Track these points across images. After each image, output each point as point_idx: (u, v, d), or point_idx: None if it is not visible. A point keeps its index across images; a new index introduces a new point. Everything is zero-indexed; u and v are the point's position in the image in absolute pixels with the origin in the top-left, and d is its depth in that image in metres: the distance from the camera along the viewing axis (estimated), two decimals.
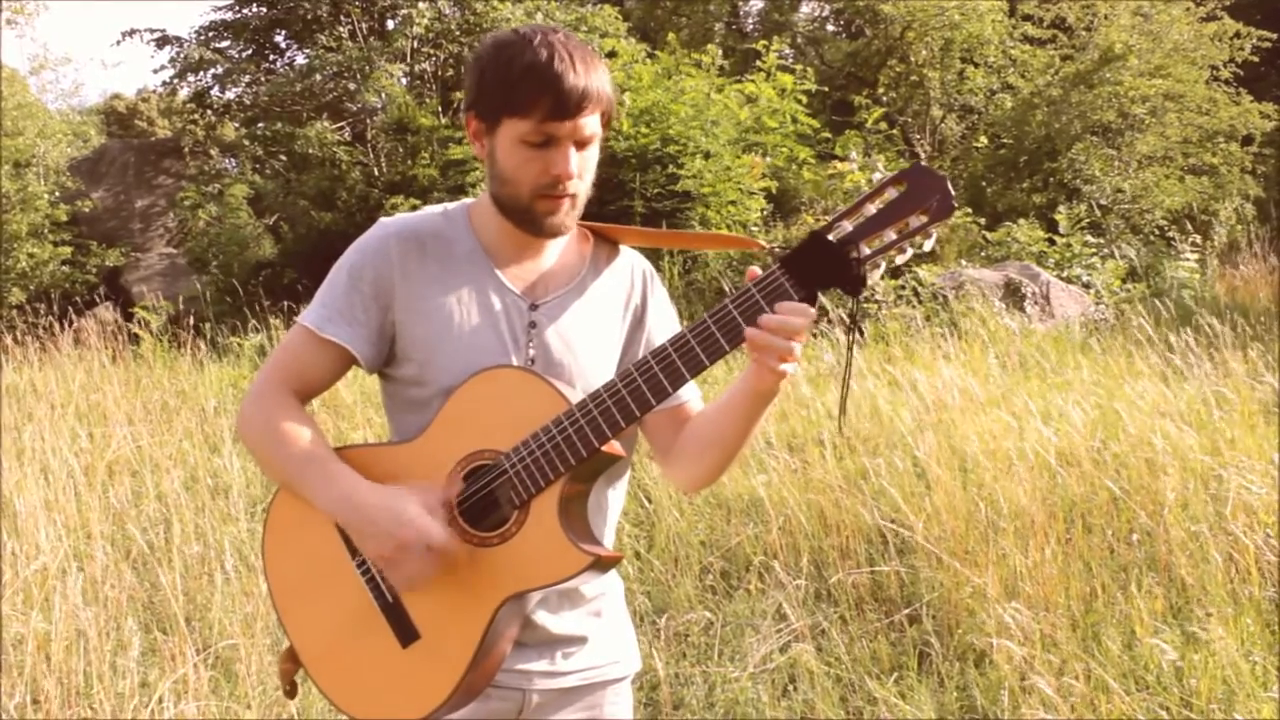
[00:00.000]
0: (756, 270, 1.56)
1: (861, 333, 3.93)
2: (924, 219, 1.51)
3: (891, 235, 1.52)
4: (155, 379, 8.14)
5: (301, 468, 1.69)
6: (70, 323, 9.96)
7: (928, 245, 1.54)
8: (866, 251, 1.52)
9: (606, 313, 1.82)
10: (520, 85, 1.62)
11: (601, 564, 1.64)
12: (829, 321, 8.26)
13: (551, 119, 1.62)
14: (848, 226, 1.53)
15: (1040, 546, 3.97)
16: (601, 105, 1.66)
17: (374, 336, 1.73)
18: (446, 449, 1.67)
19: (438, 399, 1.69)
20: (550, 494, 1.62)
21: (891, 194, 1.52)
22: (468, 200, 1.84)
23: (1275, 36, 14.99)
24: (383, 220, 1.79)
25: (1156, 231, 13.84)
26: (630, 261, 1.87)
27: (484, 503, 1.66)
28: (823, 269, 1.53)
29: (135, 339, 9.48)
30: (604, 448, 1.62)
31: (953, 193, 1.50)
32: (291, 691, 1.83)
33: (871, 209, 1.53)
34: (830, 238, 1.53)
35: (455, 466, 1.66)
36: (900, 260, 1.55)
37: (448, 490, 1.66)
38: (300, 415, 1.73)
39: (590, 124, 1.66)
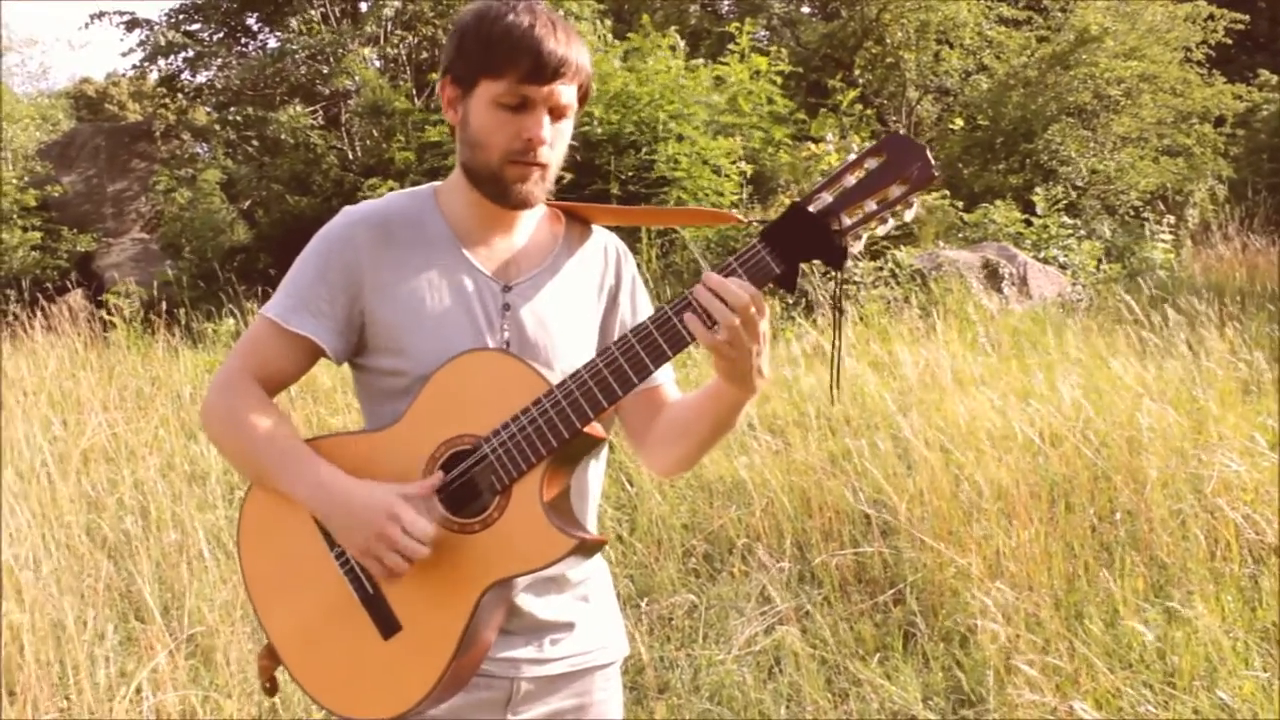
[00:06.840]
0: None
1: (842, 310, 3.91)
2: (904, 188, 1.50)
3: (872, 205, 1.51)
4: (129, 365, 8.04)
5: (273, 460, 1.66)
6: (41, 309, 9.81)
7: (909, 215, 1.53)
8: (848, 222, 1.51)
9: (581, 293, 1.79)
10: (499, 45, 1.61)
11: (586, 547, 1.61)
12: (808, 304, 8.26)
13: (528, 81, 1.61)
14: (828, 198, 1.52)
15: (1023, 526, 3.98)
16: (579, 77, 1.65)
17: (341, 328, 1.69)
18: (424, 435, 1.63)
19: (413, 387, 1.66)
20: (532, 478, 1.59)
21: (871, 164, 1.51)
22: (435, 183, 1.81)
23: (1247, 19, 15.09)
24: (347, 209, 1.75)
25: (1131, 212, 13.92)
26: (603, 241, 1.85)
27: (464, 488, 1.62)
28: (803, 241, 1.52)
29: (108, 325, 9.36)
30: (586, 429, 1.58)
31: (933, 160, 1.50)
32: (272, 689, 1.79)
33: (851, 180, 1.51)
34: (810, 209, 1.52)
35: (434, 452, 1.63)
36: (882, 231, 1.54)
37: (426, 477, 1.63)
38: (268, 407, 1.69)
39: (566, 93, 1.64)
